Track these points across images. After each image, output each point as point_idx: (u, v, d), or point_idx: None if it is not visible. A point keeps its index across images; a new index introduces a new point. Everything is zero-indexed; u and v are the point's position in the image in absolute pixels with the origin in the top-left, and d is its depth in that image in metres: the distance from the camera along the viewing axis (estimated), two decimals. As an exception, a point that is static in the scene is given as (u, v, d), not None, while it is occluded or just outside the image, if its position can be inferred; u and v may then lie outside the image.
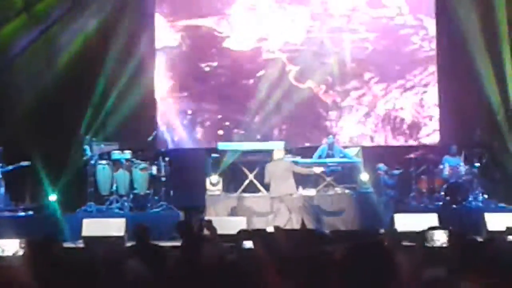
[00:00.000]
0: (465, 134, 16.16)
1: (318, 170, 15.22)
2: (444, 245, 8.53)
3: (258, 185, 16.05)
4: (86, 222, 14.10)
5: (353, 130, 17.42)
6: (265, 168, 14.69)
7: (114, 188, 15.51)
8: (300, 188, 15.78)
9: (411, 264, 5.94)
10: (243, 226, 13.30)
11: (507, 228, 11.17)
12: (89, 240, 13.28)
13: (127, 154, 15.73)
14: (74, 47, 16.99)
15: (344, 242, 7.79)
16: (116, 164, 15.64)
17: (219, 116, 17.94)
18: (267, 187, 15.31)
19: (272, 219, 14.43)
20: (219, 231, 9.84)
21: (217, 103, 17.97)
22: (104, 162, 15.64)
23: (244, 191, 16.06)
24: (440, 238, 8.72)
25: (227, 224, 12.59)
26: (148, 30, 17.81)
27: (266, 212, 14.98)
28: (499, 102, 16.48)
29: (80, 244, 13.42)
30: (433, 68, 17.52)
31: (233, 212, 15.13)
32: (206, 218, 11.27)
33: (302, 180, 15.96)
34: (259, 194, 16.03)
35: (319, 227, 14.18)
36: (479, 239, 9.55)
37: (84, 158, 15.73)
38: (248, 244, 7.15)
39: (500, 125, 16.48)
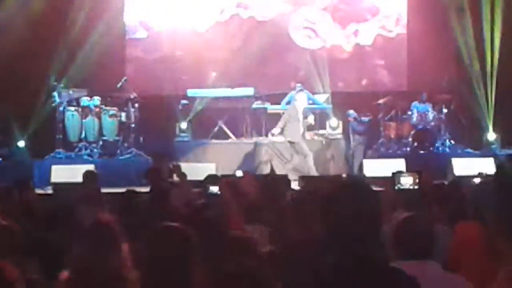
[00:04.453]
0: (433, 81, 16.21)
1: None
2: (412, 188, 8.67)
3: (228, 132, 16.09)
4: (54, 168, 14.07)
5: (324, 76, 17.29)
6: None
7: (83, 135, 15.46)
8: (270, 134, 15.84)
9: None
10: (212, 172, 13.32)
11: (479, 173, 11.39)
12: (57, 186, 13.25)
13: (96, 100, 15.64)
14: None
15: (313, 187, 7.88)
16: (85, 110, 15.55)
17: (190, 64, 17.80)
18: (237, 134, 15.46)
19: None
20: (188, 177, 9.88)
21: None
22: (73, 108, 15.54)
23: (213, 137, 16.10)
24: (408, 181, 8.84)
25: (196, 170, 12.59)
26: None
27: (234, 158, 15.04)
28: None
29: (49, 190, 13.40)
30: (403, 14, 17.49)
31: (202, 158, 15.14)
32: (175, 163, 11.25)
33: (272, 126, 16.01)
34: (229, 140, 16.08)
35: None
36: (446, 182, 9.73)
37: (53, 104, 15.62)
38: (214, 189, 7.19)
39: (469, 72, 16.54)
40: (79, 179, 11.87)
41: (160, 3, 17.82)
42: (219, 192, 7.06)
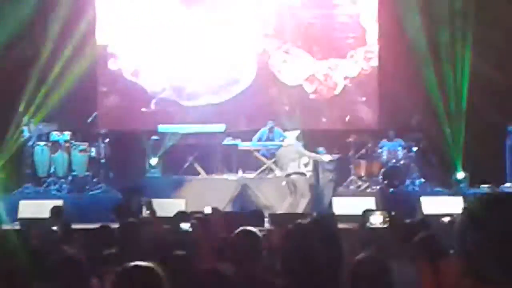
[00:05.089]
0: (403, 119, 16.34)
1: (326, 158, 15.22)
2: (381, 227, 8.68)
3: (198, 168, 16.06)
4: (22, 203, 13.93)
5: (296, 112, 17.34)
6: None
7: (52, 169, 15.34)
8: (240, 171, 15.83)
9: (350, 246, 6.04)
10: (182, 208, 13.25)
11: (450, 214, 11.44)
12: (25, 222, 13.10)
13: (66, 135, 15.56)
14: (13, 24, 16.60)
15: (282, 225, 7.87)
16: (54, 145, 15.46)
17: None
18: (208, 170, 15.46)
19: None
20: (158, 213, 9.84)
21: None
22: (42, 143, 15.45)
23: (184, 173, 16.05)
24: (378, 219, 8.85)
25: (166, 206, 12.53)
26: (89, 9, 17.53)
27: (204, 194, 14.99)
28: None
29: (16, 226, 13.24)
30: (373, 52, 17.65)
31: (172, 194, 15.06)
32: (147, 199, 11.20)
33: (242, 163, 16.01)
34: (199, 176, 16.04)
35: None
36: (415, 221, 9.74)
37: (22, 139, 15.52)
38: (185, 226, 7.15)
39: (438, 111, 16.69)
40: (47, 214, 11.81)
41: (131, 39, 17.80)
42: (190, 229, 7.02)
